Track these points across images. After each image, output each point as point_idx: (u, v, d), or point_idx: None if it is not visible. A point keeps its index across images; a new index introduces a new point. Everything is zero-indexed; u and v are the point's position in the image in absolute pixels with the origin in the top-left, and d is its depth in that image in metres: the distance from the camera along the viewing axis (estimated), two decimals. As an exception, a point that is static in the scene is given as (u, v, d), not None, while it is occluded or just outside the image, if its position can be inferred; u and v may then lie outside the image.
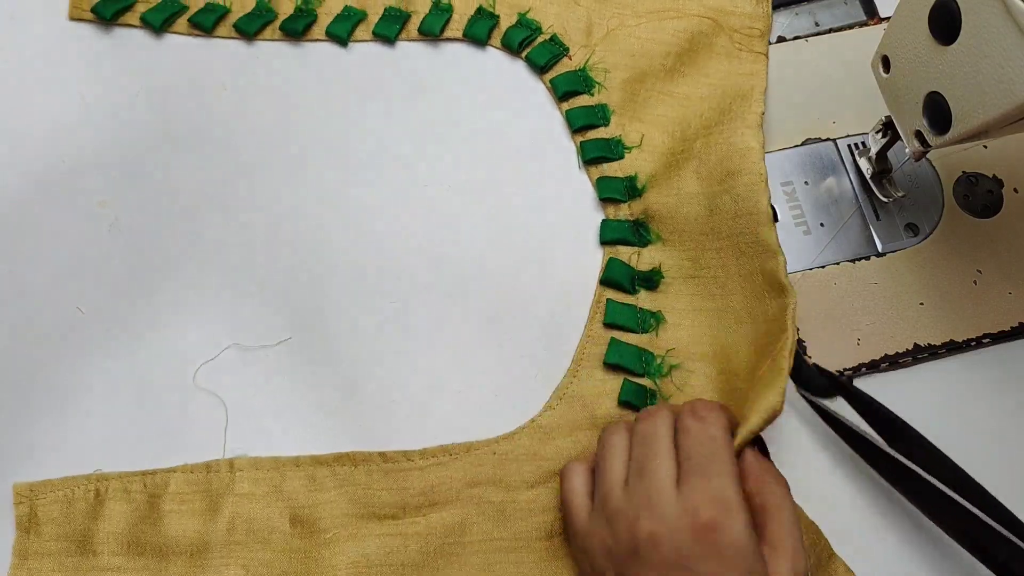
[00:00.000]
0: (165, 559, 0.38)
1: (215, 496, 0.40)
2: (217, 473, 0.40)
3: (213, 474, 0.40)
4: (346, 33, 0.48)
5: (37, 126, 0.48)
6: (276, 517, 0.39)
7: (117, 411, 0.43)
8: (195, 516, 0.39)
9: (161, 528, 0.39)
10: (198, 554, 0.38)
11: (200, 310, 0.45)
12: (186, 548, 0.39)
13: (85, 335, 0.44)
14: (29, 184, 0.47)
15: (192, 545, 0.39)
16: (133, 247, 0.46)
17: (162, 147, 0.48)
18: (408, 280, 0.45)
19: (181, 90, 0.49)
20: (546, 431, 0.41)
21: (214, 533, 0.39)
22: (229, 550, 0.38)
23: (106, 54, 0.49)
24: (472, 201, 0.46)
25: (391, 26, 0.49)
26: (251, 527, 0.39)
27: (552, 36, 0.48)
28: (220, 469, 0.40)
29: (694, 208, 0.44)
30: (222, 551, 0.38)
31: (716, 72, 0.47)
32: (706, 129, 0.45)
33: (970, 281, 0.45)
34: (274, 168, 0.47)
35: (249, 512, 0.39)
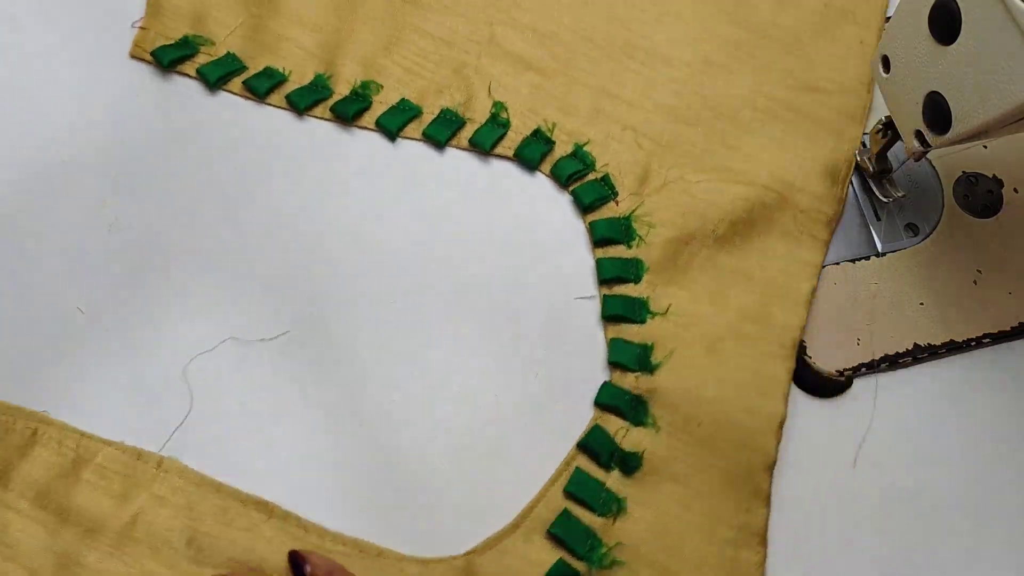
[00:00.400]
0: (63, 523, 0.38)
1: (132, 485, 0.39)
2: (145, 464, 0.40)
3: (141, 463, 0.40)
4: (396, 127, 0.47)
5: (37, 126, 0.48)
6: (176, 532, 0.38)
7: (116, 411, 0.43)
8: (106, 496, 0.39)
9: (72, 493, 0.39)
10: (92, 533, 0.38)
11: (200, 310, 0.45)
12: (85, 522, 0.38)
13: (85, 335, 0.44)
14: (29, 184, 0.47)
15: (91, 521, 0.38)
16: (133, 247, 0.46)
17: (162, 147, 0.48)
18: (409, 280, 0.45)
19: (181, 90, 0.49)
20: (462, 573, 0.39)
21: (115, 520, 0.38)
22: (121, 543, 0.38)
23: (106, 54, 0.49)
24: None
25: (443, 131, 0.47)
26: (150, 530, 0.38)
27: (604, 176, 0.46)
28: (149, 461, 0.40)
29: (702, 415, 0.40)
30: (114, 541, 0.38)
31: (771, 252, 0.44)
32: (740, 333, 0.42)
33: (970, 281, 0.45)
34: (274, 168, 0.47)
35: (155, 515, 0.39)
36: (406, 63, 0.48)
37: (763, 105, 0.47)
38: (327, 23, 0.48)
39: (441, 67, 0.48)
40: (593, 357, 0.43)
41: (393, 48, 0.48)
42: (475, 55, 0.48)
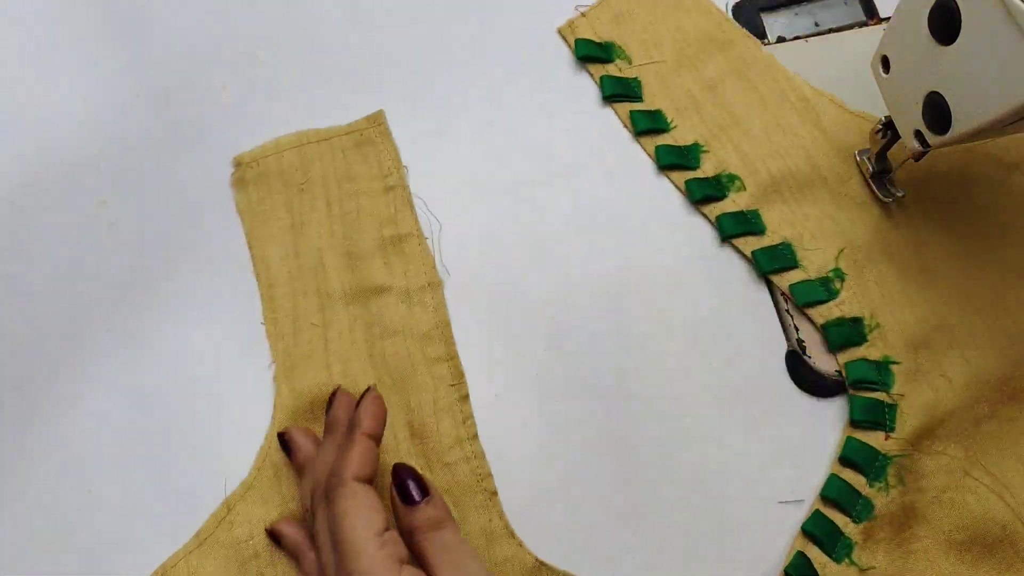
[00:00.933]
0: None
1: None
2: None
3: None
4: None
5: (37, 126, 0.48)
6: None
7: (116, 411, 0.43)
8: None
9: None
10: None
11: (200, 310, 0.45)
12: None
13: (85, 335, 0.44)
14: (29, 184, 0.47)
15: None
16: (133, 247, 0.46)
17: (162, 147, 0.48)
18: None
19: (181, 90, 0.49)
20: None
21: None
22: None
23: (106, 54, 0.49)
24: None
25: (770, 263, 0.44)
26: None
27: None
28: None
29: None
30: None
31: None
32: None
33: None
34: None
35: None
36: (795, 197, 0.46)
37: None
38: (736, 103, 0.48)
39: (826, 241, 0.45)
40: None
41: (796, 196, 0.46)
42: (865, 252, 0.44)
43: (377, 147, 0.47)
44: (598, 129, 0.48)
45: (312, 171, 0.46)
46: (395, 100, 0.48)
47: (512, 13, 0.51)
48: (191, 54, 0.49)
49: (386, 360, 0.42)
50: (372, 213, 0.45)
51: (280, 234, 0.45)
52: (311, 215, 0.45)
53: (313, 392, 0.42)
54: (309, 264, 0.44)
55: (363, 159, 0.47)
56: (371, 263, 0.44)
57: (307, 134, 0.47)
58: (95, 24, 0.50)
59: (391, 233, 0.45)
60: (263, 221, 0.45)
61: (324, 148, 0.47)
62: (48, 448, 0.42)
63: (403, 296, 0.44)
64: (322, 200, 0.46)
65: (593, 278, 0.45)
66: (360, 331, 0.43)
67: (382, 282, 0.44)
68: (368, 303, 0.44)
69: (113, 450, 0.42)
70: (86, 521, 0.41)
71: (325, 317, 0.43)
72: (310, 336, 0.43)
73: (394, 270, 0.44)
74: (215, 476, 0.41)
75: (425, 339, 0.43)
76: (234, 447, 0.42)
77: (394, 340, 0.43)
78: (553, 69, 0.49)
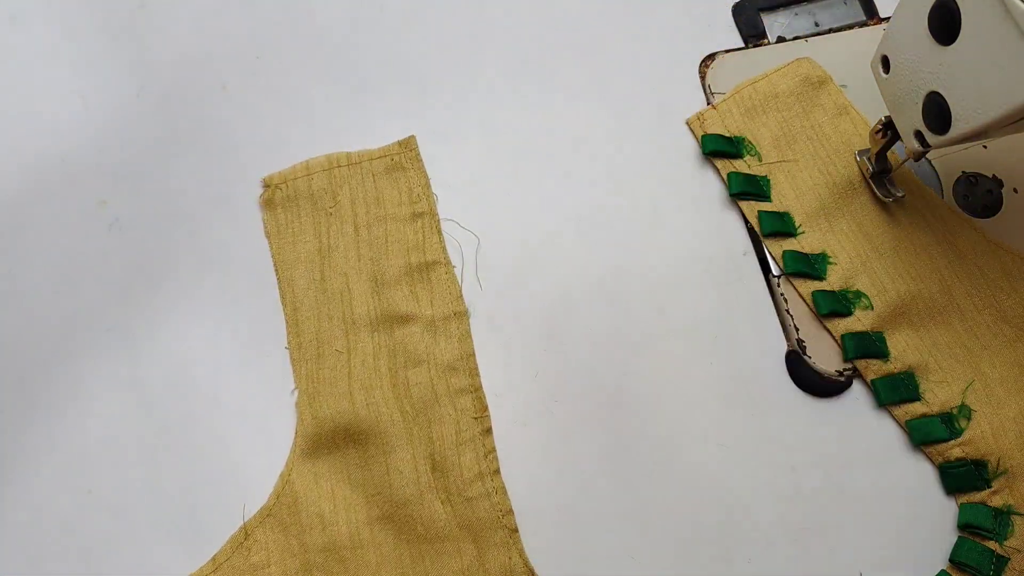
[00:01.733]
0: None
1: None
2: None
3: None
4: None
5: (37, 126, 0.48)
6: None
7: (116, 411, 0.43)
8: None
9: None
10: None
11: (200, 310, 0.45)
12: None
13: (85, 335, 0.44)
14: (29, 184, 0.47)
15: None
16: (133, 247, 0.46)
17: (162, 147, 0.48)
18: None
19: (181, 90, 0.49)
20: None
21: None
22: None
23: (106, 54, 0.49)
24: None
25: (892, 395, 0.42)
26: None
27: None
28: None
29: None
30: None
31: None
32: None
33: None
34: (274, 167, 0.47)
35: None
36: (924, 323, 0.43)
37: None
38: (868, 215, 0.45)
39: (953, 373, 0.42)
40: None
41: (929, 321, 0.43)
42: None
43: (407, 173, 0.46)
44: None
45: (341, 195, 0.46)
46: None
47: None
48: (191, 54, 0.49)
49: (409, 390, 0.42)
50: (400, 239, 0.45)
51: (307, 257, 0.45)
52: (339, 239, 0.45)
53: (335, 420, 0.41)
54: (335, 289, 0.44)
55: (393, 184, 0.46)
56: (397, 290, 0.44)
57: (337, 157, 0.46)
58: (95, 24, 0.50)
59: (418, 260, 0.44)
60: (291, 243, 0.45)
61: (354, 172, 0.46)
62: (48, 448, 0.42)
63: (428, 325, 0.43)
64: (350, 224, 0.45)
65: (594, 278, 0.45)
66: (384, 359, 0.43)
67: (407, 310, 0.43)
68: (393, 331, 0.43)
69: (111, 450, 0.42)
70: (86, 521, 0.41)
71: (349, 343, 0.43)
72: (334, 362, 0.43)
73: (420, 298, 0.44)
74: (223, 489, 0.41)
75: (449, 370, 0.42)
76: (248, 467, 0.42)
77: (418, 370, 0.42)
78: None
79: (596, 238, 0.46)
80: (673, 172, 0.47)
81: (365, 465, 0.41)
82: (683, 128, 0.48)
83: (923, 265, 0.44)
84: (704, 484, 0.41)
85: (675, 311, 0.44)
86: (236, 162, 0.47)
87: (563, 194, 0.47)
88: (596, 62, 0.49)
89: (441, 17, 0.50)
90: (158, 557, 0.40)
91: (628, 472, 0.41)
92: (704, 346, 0.43)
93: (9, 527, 0.41)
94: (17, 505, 0.41)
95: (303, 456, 0.41)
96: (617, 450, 0.42)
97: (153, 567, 0.40)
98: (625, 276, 0.45)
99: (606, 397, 0.43)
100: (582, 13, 0.50)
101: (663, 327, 0.44)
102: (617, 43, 0.50)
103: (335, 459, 0.41)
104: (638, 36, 0.50)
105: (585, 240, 0.46)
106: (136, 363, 0.44)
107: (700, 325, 0.44)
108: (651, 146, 0.48)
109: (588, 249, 0.45)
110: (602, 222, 0.46)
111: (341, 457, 0.41)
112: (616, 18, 0.50)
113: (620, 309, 0.44)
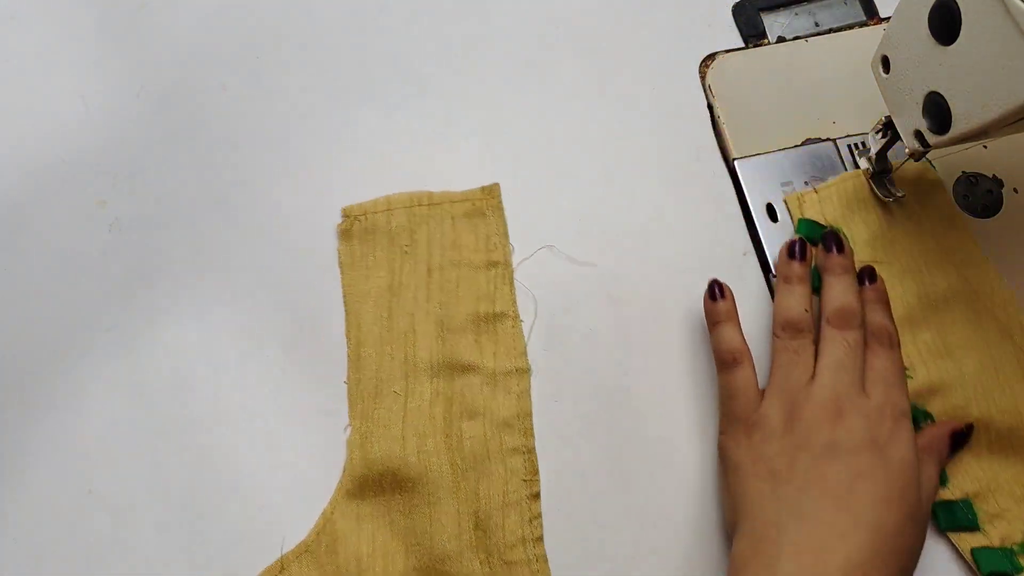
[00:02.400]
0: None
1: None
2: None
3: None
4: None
5: (37, 126, 0.48)
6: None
7: (115, 411, 0.43)
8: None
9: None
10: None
11: (200, 310, 0.45)
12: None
13: (84, 335, 0.44)
14: (29, 184, 0.47)
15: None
16: (133, 247, 0.46)
17: (162, 147, 0.48)
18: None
19: (181, 90, 0.49)
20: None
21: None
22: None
23: (106, 54, 0.49)
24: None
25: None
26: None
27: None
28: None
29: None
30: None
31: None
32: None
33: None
34: (274, 167, 0.47)
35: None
36: (990, 453, 0.41)
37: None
38: (955, 331, 0.43)
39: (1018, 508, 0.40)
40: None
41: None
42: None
43: (487, 220, 0.46)
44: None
45: (418, 234, 0.45)
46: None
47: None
48: (191, 54, 0.49)
49: (462, 442, 0.41)
50: (471, 286, 0.44)
51: (377, 293, 0.44)
52: (411, 278, 0.44)
53: (385, 464, 0.41)
54: (400, 328, 0.44)
55: (471, 229, 0.45)
56: (462, 338, 0.43)
57: (419, 196, 0.46)
58: (95, 24, 0.50)
59: (487, 310, 0.44)
60: (363, 277, 0.45)
61: (434, 212, 0.46)
62: (48, 448, 0.42)
63: (488, 378, 0.43)
64: (424, 264, 0.45)
65: (594, 277, 0.45)
66: (440, 407, 0.42)
67: (470, 360, 0.43)
68: (453, 379, 0.43)
69: (111, 450, 0.42)
70: (86, 521, 0.41)
71: (408, 386, 0.43)
72: (390, 403, 0.42)
73: (484, 349, 0.43)
74: (223, 489, 0.41)
75: (504, 426, 0.42)
76: (247, 467, 0.42)
77: (473, 423, 0.42)
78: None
79: (596, 238, 0.46)
80: (673, 172, 0.47)
81: (409, 513, 0.40)
82: (683, 128, 0.48)
83: (1001, 394, 0.41)
84: (704, 484, 0.41)
85: (675, 311, 0.44)
86: (236, 162, 0.47)
87: (563, 194, 0.47)
88: (596, 62, 0.49)
89: (440, 17, 0.50)
90: (158, 557, 0.40)
91: (628, 472, 0.41)
92: (704, 346, 0.43)
93: (9, 527, 0.41)
94: (17, 505, 0.41)
95: (348, 496, 0.41)
96: (617, 450, 0.42)
97: (153, 567, 0.40)
98: (625, 276, 0.45)
99: (606, 397, 0.43)
100: (582, 13, 0.50)
101: (663, 327, 0.44)
102: (617, 43, 0.50)
103: (379, 503, 0.41)
104: (638, 36, 0.50)
105: (585, 240, 0.46)
106: (136, 363, 0.44)
107: (700, 325, 0.44)
108: (651, 146, 0.48)
109: (588, 249, 0.45)
110: (602, 222, 0.46)
111: (385, 502, 0.41)
112: (616, 18, 0.50)
113: (620, 309, 0.44)
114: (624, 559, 0.40)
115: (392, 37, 0.50)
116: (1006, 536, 0.40)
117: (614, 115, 0.48)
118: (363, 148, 0.48)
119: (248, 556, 0.40)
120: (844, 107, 0.48)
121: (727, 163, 0.47)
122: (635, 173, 0.47)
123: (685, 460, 0.42)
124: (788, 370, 0.39)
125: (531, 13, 0.50)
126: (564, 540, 0.40)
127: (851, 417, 0.37)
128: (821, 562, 0.33)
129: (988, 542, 0.40)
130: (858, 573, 0.33)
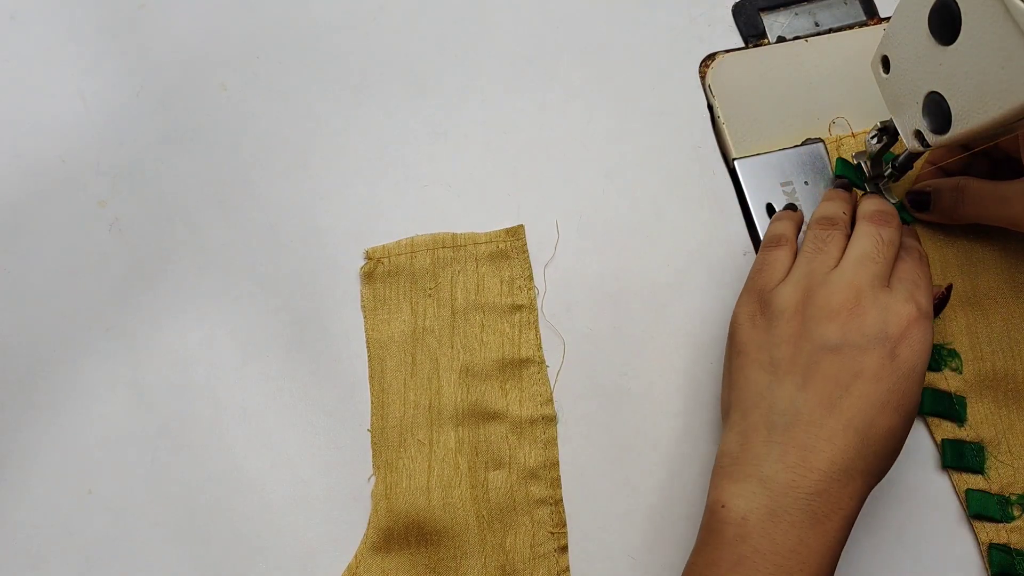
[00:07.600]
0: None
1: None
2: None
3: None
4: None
5: (37, 126, 0.48)
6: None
7: (115, 411, 0.43)
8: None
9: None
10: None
11: (200, 310, 0.45)
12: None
13: (84, 335, 0.44)
14: (29, 184, 0.47)
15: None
16: (133, 247, 0.46)
17: (162, 147, 0.48)
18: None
19: (181, 90, 0.49)
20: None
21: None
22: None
23: (106, 54, 0.49)
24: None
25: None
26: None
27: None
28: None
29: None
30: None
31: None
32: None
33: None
34: (274, 167, 0.47)
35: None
36: (1009, 402, 0.42)
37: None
38: (987, 281, 0.44)
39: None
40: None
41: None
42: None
43: (511, 262, 0.45)
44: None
45: (442, 276, 0.44)
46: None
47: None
48: (191, 54, 0.49)
49: (488, 493, 0.41)
50: (496, 331, 0.43)
51: (401, 338, 0.43)
52: (435, 322, 0.44)
53: (410, 516, 0.40)
54: (424, 375, 0.43)
55: (495, 272, 0.44)
56: (487, 385, 0.42)
57: (443, 238, 0.45)
58: (95, 24, 0.50)
59: (512, 355, 0.43)
60: (386, 321, 0.44)
61: (458, 255, 0.45)
62: (48, 448, 0.42)
63: (514, 426, 0.42)
64: (447, 308, 0.44)
65: (594, 277, 0.45)
66: (466, 456, 0.41)
67: (495, 407, 0.42)
68: (478, 427, 0.42)
69: (111, 450, 0.42)
70: (86, 521, 0.41)
71: (432, 435, 0.42)
72: (415, 453, 0.42)
73: (509, 396, 0.42)
74: (223, 489, 0.41)
75: (531, 477, 0.41)
76: (244, 467, 0.42)
77: (499, 472, 0.41)
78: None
79: (596, 238, 0.46)
80: (673, 172, 0.47)
81: (435, 568, 0.40)
82: (683, 128, 0.48)
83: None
84: (704, 484, 0.41)
85: (675, 311, 0.44)
86: (236, 162, 0.47)
87: (563, 194, 0.47)
88: (596, 62, 0.49)
89: (440, 17, 0.50)
90: (158, 557, 0.40)
91: (628, 472, 0.41)
92: (704, 346, 0.44)
93: (9, 527, 0.41)
94: (17, 505, 0.41)
95: (373, 550, 0.40)
96: (617, 450, 0.42)
97: (153, 568, 0.40)
98: (625, 276, 0.45)
99: (606, 397, 0.43)
100: (582, 13, 0.50)
101: (663, 327, 0.44)
102: (617, 43, 0.50)
103: (404, 557, 0.40)
104: (638, 36, 0.50)
105: (585, 240, 0.46)
106: (136, 363, 0.44)
107: (700, 325, 0.44)
108: (651, 146, 0.48)
109: (588, 249, 0.45)
110: (602, 222, 0.46)
111: (411, 556, 0.40)
112: (616, 18, 0.50)
113: (620, 309, 0.44)
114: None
115: (392, 37, 0.50)
116: (1007, 485, 0.41)
117: (614, 115, 0.48)
118: (362, 145, 0.48)
119: (248, 557, 0.40)
120: (844, 107, 0.48)
121: (727, 163, 0.48)
122: (635, 173, 0.47)
123: (686, 460, 0.42)
124: (812, 256, 0.38)
125: (531, 13, 0.50)
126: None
127: (867, 309, 0.36)
128: (805, 463, 0.33)
129: (987, 487, 0.41)
130: (841, 475, 0.33)
